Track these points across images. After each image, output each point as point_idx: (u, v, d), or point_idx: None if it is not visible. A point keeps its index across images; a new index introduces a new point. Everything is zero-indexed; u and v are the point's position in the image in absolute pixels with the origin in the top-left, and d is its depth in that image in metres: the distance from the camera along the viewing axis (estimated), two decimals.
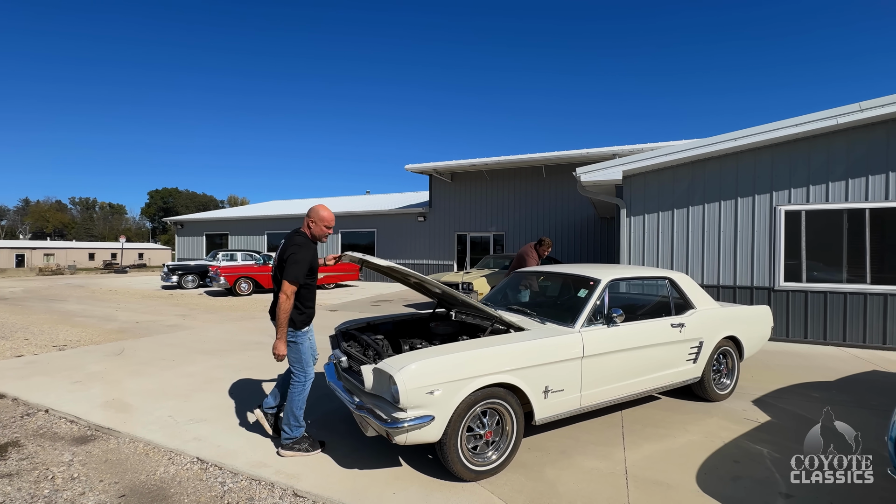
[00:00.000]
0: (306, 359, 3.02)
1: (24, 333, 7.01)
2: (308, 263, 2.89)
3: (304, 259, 2.85)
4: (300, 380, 3.02)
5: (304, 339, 3.00)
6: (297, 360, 3.01)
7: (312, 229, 3.03)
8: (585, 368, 3.11)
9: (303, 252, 2.88)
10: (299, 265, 2.83)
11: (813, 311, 6.42)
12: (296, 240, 2.95)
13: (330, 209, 3.09)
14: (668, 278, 3.95)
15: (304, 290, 2.97)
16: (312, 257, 2.96)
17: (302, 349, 3.00)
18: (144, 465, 2.93)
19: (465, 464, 2.64)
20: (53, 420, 3.64)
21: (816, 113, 6.08)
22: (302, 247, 2.90)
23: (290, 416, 2.99)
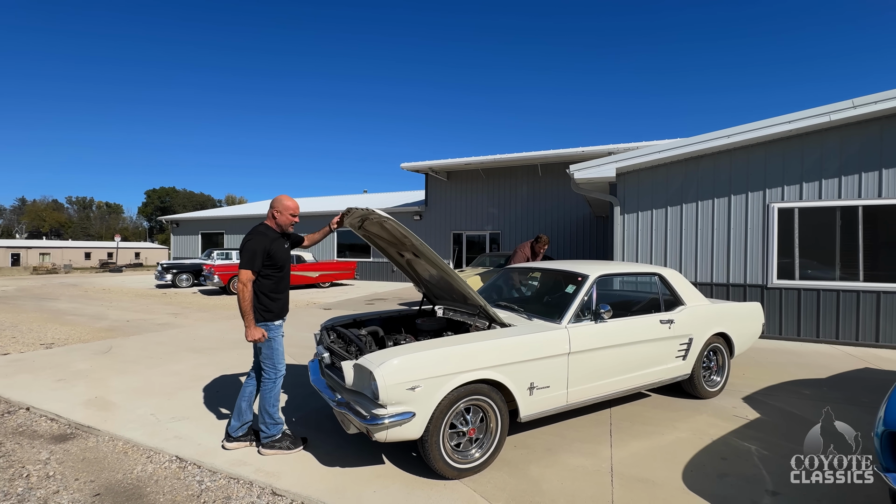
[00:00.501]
0: (277, 354, 2.95)
1: (12, 332, 6.94)
2: (261, 252, 2.82)
3: (255, 247, 2.81)
4: (270, 376, 2.95)
5: (274, 333, 2.93)
6: (267, 355, 2.94)
7: (278, 219, 2.97)
8: (572, 365, 3.07)
9: (255, 241, 2.84)
10: (250, 252, 2.80)
11: (806, 309, 6.40)
12: (255, 229, 2.93)
13: (294, 200, 3.02)
14: (657, 274, 3.91)
15: (266, 280, 2.90)
16: (272, 247, 2.87)
17: (274, 344, 2.93)
18: (122, 463, 2.88)
19: (447, 461, 2.60)
20: (34, 418, 3.58)
21: (810, 109, 6.05)
22: (256, 235, 2.87)
23: (264, 415, 2.93)
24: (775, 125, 6.23)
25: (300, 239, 3.28)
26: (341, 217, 3.16)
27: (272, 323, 2.93)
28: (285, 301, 3.02)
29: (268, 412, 2.92)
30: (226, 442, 3.02)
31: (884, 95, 5.70)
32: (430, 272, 3.33)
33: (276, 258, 2.91)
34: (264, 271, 2.88)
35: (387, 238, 3.23)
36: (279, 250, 2.93)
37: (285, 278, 3.02)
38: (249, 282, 2.81)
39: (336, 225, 3.21)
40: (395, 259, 3.57)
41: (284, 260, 3.00)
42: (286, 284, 3.03)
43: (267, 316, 2.90)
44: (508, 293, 4.35)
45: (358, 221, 3.10)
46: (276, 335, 2.96)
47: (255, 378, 3.06)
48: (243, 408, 3.00)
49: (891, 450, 1.87)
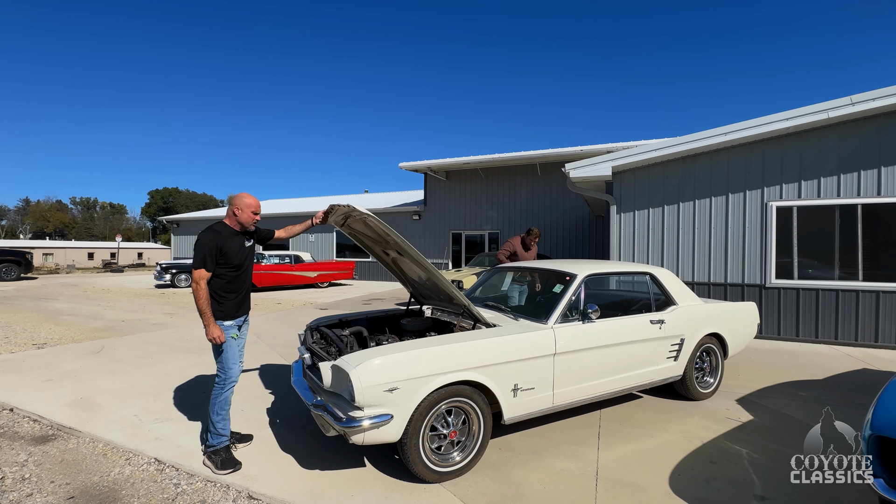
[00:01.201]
0: (228, 357, 2.82)
1: (6, 332, 6.93)
2: (211, 250, 2.72)
3: (207, 245, 2.72)
4: (220, 380, 2.84)
5: (226, 333, 2.81)
6: (219, 356, 2.84)
7: (239, 217, 2.86)
8: (558, 366, 3.01)
9: (207, 238, 2.75)
10: (201, 250, 2.72)
11: (804, 309, 6.31)
12: (209, 227, 2.85)
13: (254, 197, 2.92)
14: (648, 274, 3.84)
15: (218, 279, 2.80)
16: (225, 245, 2.78)
17: (224, 345, 2.80)
18: (100, 465, 2.84)
19: (427, 464, 2.54)
20: (16, 419, 3.55)
21: (807, 107, 5.96)
22: (209, 233, 2.79)
23: (209, 422, 2.82)
24: (773, 122, 6.14)
25: (269, 234, 3.21)
26: (325, 214, 3.11)
27: (223, 323, 2.81)
28: (240, 301, 2.91)
29: (212, 420, 2.79)
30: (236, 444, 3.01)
31: (882, 92, 5.61)
32: (416, 271, 3.28)
33: (230, 256, 2.80)
34: (217, 270, 2.79)
35: (371, 236, 3.18)
36: (234, 248, 2.82)
37: (241, 277, 2.90)
38: (202, 280, 2.72)
39: (319, 221, 3.15)
40: (381, 257, 3.52)
41: (241, 259, 2.88)
42: (242, 284, 2.92)
43: (217, 315, 2.79)
44: (496, 293, 4.30)
45: (341, 219, 3.05)
46: (228, 336, 2.83)
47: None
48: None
49: (878, 454, 1.80)
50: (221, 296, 2.81)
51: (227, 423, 2.84)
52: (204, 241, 2.75)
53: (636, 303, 3.85)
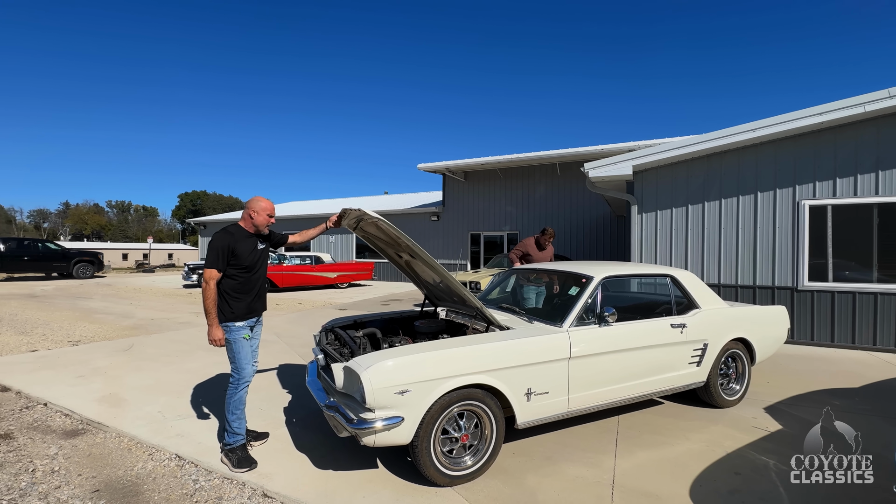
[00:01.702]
0: (241, 357, 2.86)
1: (44, 329, 7.29)
2: (224, 250, 2.78)
3: (219, 246, 2.77)
4: (233, 380, 2.89)
5: (237, 334, 2.86)
6: (231, 357, 2.90)
7: (255, 219, 2.92)
8: (573, 370, 2.95)
9: (220, 239, 2.80)
10: (213, 251, 2.77)
11: (840, 313, 5.99)
12: (223, 228, 2.90)
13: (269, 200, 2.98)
14: (669, 276, 3.72)
15: (230, 280, 2.85)
16: (237, 246, 2.82)
17: (236, 346, 2.85)
18: (125, 460, 2.94)
19: (438, 468, 2.53)
20: (50, 413, 3.72)
21: (843, 101, 5.67)
22: (222, 234, 2.84)
23: (225, 421, 2.88)
24: (805, 118, 5.87)
25: (284, 238, 3.26)
26: (339, 217, 3.14)
27: (233, 324, 2.85)
28: (252, 303, 2.94)
29: (227, 419, 2.86)
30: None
31: None
32: (429, 273, 3.27)
33: (242, 258, 2.84)
34: (229, 271, 2.83)
35: (384, 239, 3.19)
36: (246, 250, 2.86)
37: (252, 279, 2.94)
38: (212, 280, 2.77)
39: (332, 224, 3.18)
40: (395, 259, 3.53)
41: (253, 261, 2.92)
42: (255, 286, 2.95)
43: (228, 316, 2.84)
44: (512, 295, 4.24)
45: (354, 222, 3.07)
46: (238, 337, 2.87)
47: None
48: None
49: None
50: (232, 297, 2.86)
51: (243, 422, 2.90)
52: (216, 242, 2.81)
53: (656, 306, 3.74)
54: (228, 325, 2.86)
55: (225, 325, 2.86)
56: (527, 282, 4.56)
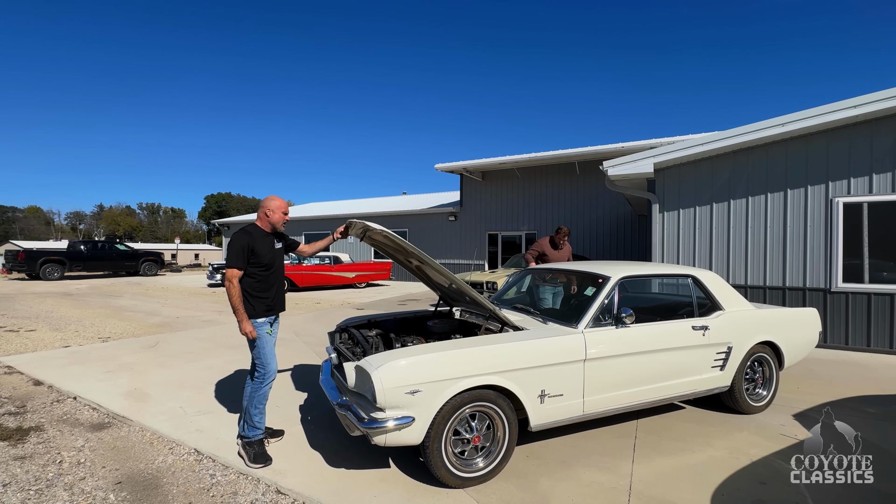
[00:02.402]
0: (266, 353, 2.93)
1: (76, 326, 7.60)
2: (244, 249, 2.84)
3: (239, 245, 2.83)
4: (259, 375, 2.94)
5: (261, 329, 2.92)
6: (256, 354, 2.94)
7: (271, 218, 2.99)
8: (589, 372, 2.88)
9: (239, 238, 2.86)
10: (234, 250, 2.83)
11: (878, 316, 5.68)
12: (241, 229, 2.95)
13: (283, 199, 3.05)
14: (691, 276, 3.60)
15: (250, 278, 2.90)
16: (256, 245, 2.88)
17: (260, 342, 2.91)
18: (147, 453, 3.02)
19: (449, 469, 2.50)
20: (78, 407, 3.86)
21: (879, 92, 5.38)
22: (241, 233, 2.90)
23: (246, 414, 2.92)
24: (838, 111, 5.59)
25: (295, 244, 3.29)
26: (345, 228, 3.13)
27: (255, 320, 2.92)
28: (273, 300, 3.00)
29: (250, 413, 2.91)
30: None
31: None
32: (439, 277, 3.25)
33: (261, 256, 2.90)
34: (249, 269, 2.90)
35: (392, 246, 3.18)
36: (264, 248, 2.92)
37: (271, 277, 3.00)
38: (235, 278, 2.84)
39: (339, 236, 3.18)
40: (405, 264, 3.52)
41: (271, 259, 2.98)
42: (273, 283, 3.01)
43: (250, 313, 2.90)
44: (528, 295, 4.18)
45: (360, 232, 3.07)
46: (261, 332, 2.93)
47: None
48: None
49: None
50: (253, 295, 2.92)
51: (264, 416, 2.96)
52: (236, 242, 2.87)
53: (677, 307, 3.62)
54: (253, 321, 2.91)
55: (254, 323, 2.91)
56: (542, 282, 4.49)
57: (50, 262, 17.05)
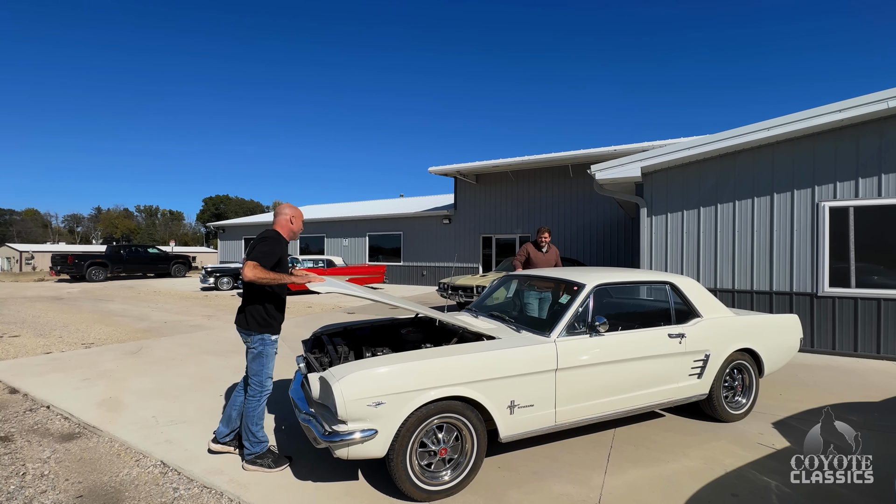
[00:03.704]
0: (267, 370, 2.89)
1: (61, 331, 7.54)
2: (276, 255, 2.76)
3: (275, 250, 2.75)
4: (255, 392, 2.89)
5: (271, 348, 2.88)
6: (258, 370, 2.87)
7: (293, 226, 2.97)
8: (560, 382, 2.84)
9: (274, 244, 2.79)
10: (269, 255, 2.73)
11: (864, 321, 5.66)
12: (271, 233, 2.88)
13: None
14: (669, 283, 3.56)
15: (270, 291, 2.84)
16: (283, 255, 2.84)
17: (265, 360, 2.87)
18: (113, 465, 2.97)
19: (414, 482, 2.46)
20: (51, 416, 3.81)
21: (864, 96, 5.36)
22: (274, 241, 2.82)
23: (247, 432, 2.87)
24: (823, 115, 5.58)
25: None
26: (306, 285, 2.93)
27: (269, 336, 2.87)
28: (283, 315, 3.00)
29: (251, 430, 2.86)
30: (212, 444, 3.03)
31: None
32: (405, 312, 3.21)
33: (282, 266, 2.84)
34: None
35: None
36: (285, 259, 2.89)
37: (285, 291, 2.98)
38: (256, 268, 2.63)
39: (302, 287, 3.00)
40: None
41: (286, 270, 2.91)
42: (284, 297, 3.00)
43: (266, 328, 2.84)
44: (513, 301, 4.14)
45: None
46: (270, 351, 2.90)
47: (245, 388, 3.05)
48: (233, 416, 3.00)
49: None
50: (272, 309, 2.87)
51: (263, 428, 2.93)
52: (275, 248, 2.77)
53: (655, 315, 3.58)
54: (264, 338, 2.85)
55: (259, 339, 2.85)
56: (528, 288, 4.45)
57: (95, 265, 18.49)
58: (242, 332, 2.92)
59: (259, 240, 2.82)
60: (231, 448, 3.04)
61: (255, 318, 2.85)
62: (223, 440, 3.03)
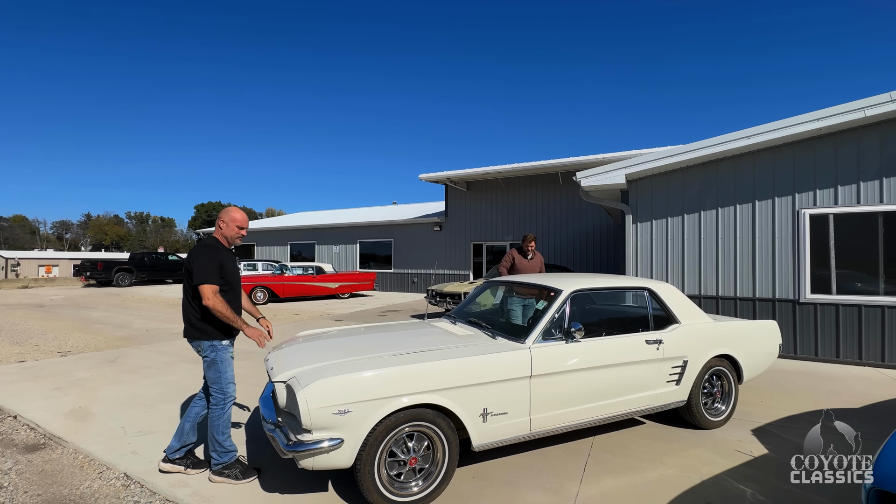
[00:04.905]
0: (227, 376, 2.79)
1: (38, 339, 7.37)
2: (215, 265, 2.68)
3: (210, 260, 2.67)
4: (218, 401, 2.78)
5: (224, 353, 2.79)
6: (216, 378, 2.77)
7: (224, 231, 2.85)
8: (535, 389, 2.80)
9: (207, 254, 2.70)
10: (206, 266, 2.66)
11: (846, 327, 5.69)
12: (205, 242, 2.79)
13: (243, 212, 2.93)
14: (647, 289, 3.55)
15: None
16: (225, 260, 2.76)
17: (222, 366, 2.77)
18: (74, 478, 2.87)
19: (383, 493, 2.40)
20: (17, 426, 3.69)
21: (841, 105, 5.45)
22: (209, 249, 2.74)
23: (213, 443, 2.77)
24: (802, 124, 5.65)
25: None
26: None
27: (219, 342, 2.77)
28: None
29: (216, 440, 2.76)
30: (162, 463, 2.87)
31: None
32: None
33: (227, 273, 2.78)
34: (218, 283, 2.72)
35: None
36: (230, 265, 2.81)
37: (236, 296, 2.88)
38: (216, 293, 2.65)
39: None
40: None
41: (235, 276, 2.87)
42: (237, 303, 2.89)
43: (213, 335, 2.75)
44: (483, 309, 4.11)
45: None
46: (224, 356, 2.80)
47: (204, 399, 2.95)
48: (186, 429, 2.86)
49: None
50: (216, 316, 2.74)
51: (230, 438, 2.83)
52: (209, 257, 2.69)
53: (633, 321, 3.56)
54: (214, 344, 2.76)
55: (210, 345, 2.75)
56: (507, 294, 4.42)
57: (122, 271, 19.57)
58: (192, 343, 2.81)
59: (195, 255, 2.72)
60: (181, 467, 2.84)
61: (199, 325, 2.74)
62: (173, 456, 2.85)
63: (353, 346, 2.95)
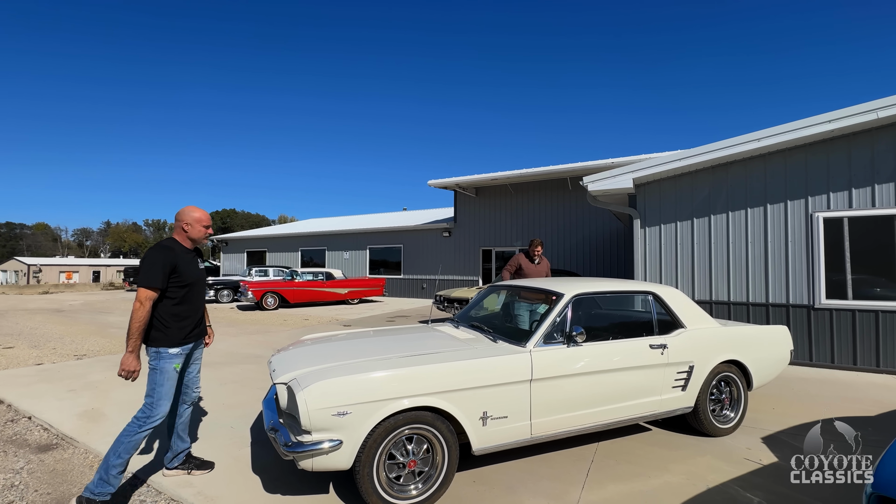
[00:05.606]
0: (163, 391, 2.51)
1: (56, 343, 7.57)
2: (163, 266, 2.49)
3: (156, 262, 2.49)
4: (140, 417, 2.49)
5: (168, 363, 2.53)
6: (150, 389, 2.53)
7: (189, 233, 2.68)
8: (536, 393, 2.78)
9: (157, 254, 2.52)
10: (150, 267, 2.48)
11: (863, 333, 5.53)
12: (159, 243, 2.63)
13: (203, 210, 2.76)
14: (651, 293, 3.51)
15: (169, 300, 2.58)
16: (178, 262, 2.57)
17: (161, 377, 2.51)
18: (84, 477, 2.94)
19: (382, 495, 2.40)
20: (31, 427, 3.79)
21: (853, 107, 5.35)
22: (160, 249, 2.56)
23: (105, 463, 2.42)
24: (813, 126, 5.56)
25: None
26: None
27: (166, 350, 2.55)
28: (189, 325, 2.67)
29: (109, 461, 2.41)
30: (165, 471, 2.89)
31: None
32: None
33: (184, 275, 2.60)
34: (168, 291, 2.58)
35: None
36: (188, 267, 2.63)
37: (190, 296, 2.66)
38: (149, 301, 2.45)
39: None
40: None
41: (195, 277, 2.69)
42: (192, 304, 2.68)
43: (161, 341, 2.53)
44: (486, 313, 4.11)
45: None
46: (167, 367, 2.54)
47: (184, 404, 2.88)
48: (175, 440, 2.87)
49: None
50: (168, 321, 2.58)
51: (124, 471, 2.48)
52: (155, 258, 2.51)
53: (637, 325, 3.52)
54: (159, 352, 2.56)
55: (155, 351, 2.57)
56: (510, 298, 4.42)
57: None
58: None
59: (145, 255, 2.58)
60: (183, 471, 2.86)
61: (152, 334, 2.56)
62: (172, 465, 2.85)
63: (355, 349, 2.98)
